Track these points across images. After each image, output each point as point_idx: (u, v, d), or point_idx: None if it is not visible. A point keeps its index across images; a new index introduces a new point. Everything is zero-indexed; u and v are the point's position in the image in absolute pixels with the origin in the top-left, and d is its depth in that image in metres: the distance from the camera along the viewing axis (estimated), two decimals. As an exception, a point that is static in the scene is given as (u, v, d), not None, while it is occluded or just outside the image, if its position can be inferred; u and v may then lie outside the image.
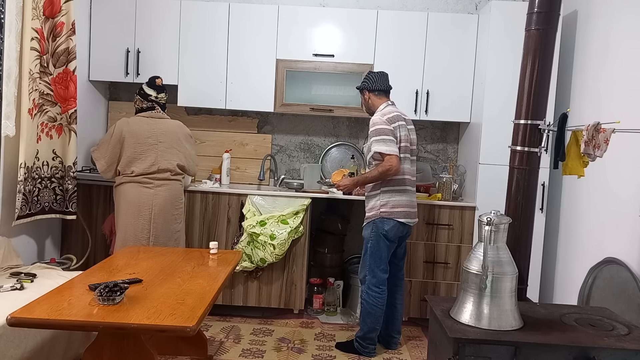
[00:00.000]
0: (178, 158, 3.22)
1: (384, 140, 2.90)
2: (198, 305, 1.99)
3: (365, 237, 3.05)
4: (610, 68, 2.95)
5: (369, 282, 3.02)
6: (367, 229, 3.03)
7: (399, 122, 2.99)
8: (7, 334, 2.11)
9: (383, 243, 2.98)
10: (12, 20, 2.80)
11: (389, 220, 2.96)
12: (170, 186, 3.19)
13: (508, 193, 2.51)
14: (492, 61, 3.50)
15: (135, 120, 3.18)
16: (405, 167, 3.00)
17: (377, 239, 2.98)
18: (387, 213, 2.95)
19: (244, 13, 3.77)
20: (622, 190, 2.72)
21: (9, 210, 2.97)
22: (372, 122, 2.99)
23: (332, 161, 4.17)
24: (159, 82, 3.26)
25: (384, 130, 2.92)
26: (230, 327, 3.45)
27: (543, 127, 2.38)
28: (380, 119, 2.96)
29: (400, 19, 3.75)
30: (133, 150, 3.10)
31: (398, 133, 2.96)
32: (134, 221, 3.09)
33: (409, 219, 3.02)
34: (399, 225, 2.97)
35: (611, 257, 2.69)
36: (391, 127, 2.94)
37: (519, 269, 2.15)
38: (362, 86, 3.15)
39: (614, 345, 1.88)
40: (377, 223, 2.97)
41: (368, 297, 3.02)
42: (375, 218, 2.98)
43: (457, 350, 1.87)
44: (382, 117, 2.96)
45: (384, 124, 2.93)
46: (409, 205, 3.02)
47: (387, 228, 2.95)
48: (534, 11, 2.40)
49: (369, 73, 3.20)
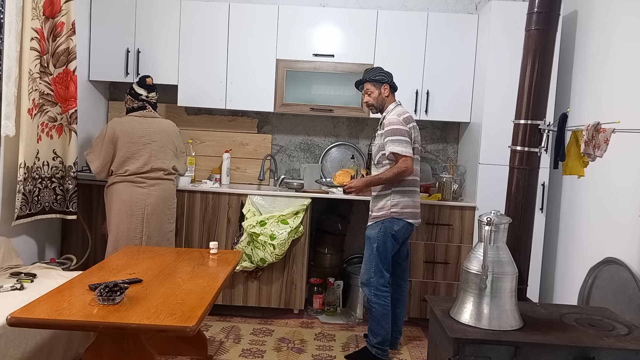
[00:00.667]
0: (171, 157, 3.22)
1: (400, 141, 2.85)
2: (198, 305, 1.99)
3: (370, 237, 2.98)
4: (610, 68, 2.95)
5: (376, 284, 2.95)
6: (374, 229, 2.97)
7: (412, 123, 2.97)
8: (7, 334, 2.11)
9: (390, 243, 2.94)
10: (12, 20, 2.80)
11: (399, 220, 2.92)
12: (163, 186, 3.19)
13: (508, 193, 2.51)
14: (492, 61, 3.50)
15: (127, 120, 3.17)
16: (416, 168, 2.99)
17: (385, 238, 2.92)
18: (398, 213, 2.91)
19: (244, 13, 3.77)
20: (622, 190, 2.72)
21: (9, 210, 2.97)
22: (389, 121, 2.91)
23: (332, 161, 4.17)
24: (149, 82, 3.25)
25: (400, 130, 2.87)
26: (230, 327, 3.45)
27: (543, 127, 2.38)
28: (397, 119, 2.90)
29: (400, 19, 3.75)
30: (127, 149, 3.10)
31: (413, 134, 2.93)
32: (126, 221, 3.09)
33: (416, 220, 3.01)
34: (408, 226, 2.95)
35: (611, 257, 2.69)
36: (407, 128, 2.90)
37: (519, 269, 2.16)
38: (380, 79, 3.01)
39: (614, 345, 1.88)
40: (386, 223, 2.92)
41: (379, 299, 2.95)
42: (384, 218, 2.93)
43: (457, 350, 1.87)
44: (399, 117, 2.91)
45: (400, 125, 2.88)
46: (417, 205, 3.01)
47: (396, 228, 2.91)
48: (534, 11, 2.40)
49: (376, 68, 3.08)
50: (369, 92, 3.04)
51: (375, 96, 3.02)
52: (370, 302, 2.98)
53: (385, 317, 2.96)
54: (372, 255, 2.96)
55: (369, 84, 3.04)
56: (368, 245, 3.00)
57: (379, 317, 2.96)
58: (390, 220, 2.92)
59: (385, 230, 2.92)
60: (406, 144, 2.85)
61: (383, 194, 2.96)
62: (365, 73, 3.07)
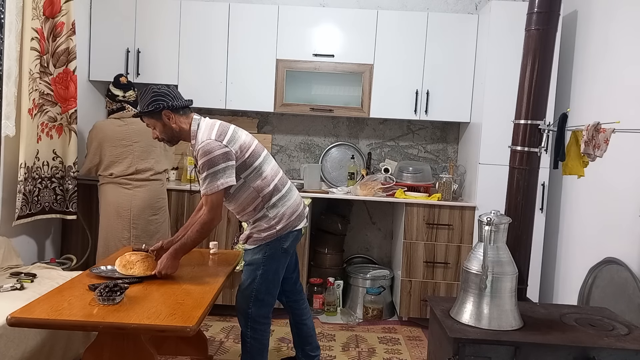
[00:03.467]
0: (158, 155, 3.22)
1: (212, 174, 2.23)
2: (198, 305, 1.99)
3: (253, 263, 2.40)
4: (610, 68, 2.95)
5: (255, 315, 2.41)
6: (257, 253, 2.40)
7: (229, 130, 2.35)
8: (7, 334, 2.11)
9: (283, 262, 2.47)
10: (12, 20, 2.80)
11: (286, 234, 2.41)
12: (149, 187, 3.19)
13: (508, 193, 2.51)
14: (492, 61, 3.50)
15: (107, 124, 3.18)
16: (269, 167, 2.43)
17: (274, 261, 2.42)
18: (284, 227, 2.40)
19: (244, 13, 3.76)
20: (622, 190, 2.72)
21: (9, 211, 2.97)
22: (198, 152, 2.25)
23: (332, 161, 4.17)
24: (123, 80, 3.23)
25: (211, 160, 2.23)
26: (230, 327, 3.45)
27: (543, 127, 2.38)
28: (206, 145, 2.24)
29: (400, 19, 3.75)
30: (110, 154, 3.12)
31: (237, 143, 2.32)
32: (114, 222, 3.12)
33: (302, 221, 2.51)
34: (297, 234, 2.48)
35: (611, 257, 2.69)
36: (222, 149, 2.24)
37: (519, 269, 2.16)
38: (154, 108, 2.28)
39: (614, 345, 1.89)
40: (273, 244, 2.39)
41: (255, 333, 2.43)
42: (270, 239, 2.39)
43: (457, 350, 1.87)
44: (208, 140, 2.25)
45: (213, 150, 2.23)
46: (298, 205, 2.51)
47: (286, 245, 2.42)
48: (534, 11, 2.40)
49: (147, 92, 2.30)
50: (152, 127, 2.38)
51: (162, 129, 2.35)
52: (245, 335, 2.45)
53: (260, 352, 2.46)
54: (253, 283, 2.40)
55: (146, 119, 2.35)
56: (249, 272, 2.42)
57: (254, 353, 2.45)
58: (277, 240, 2.40)
59: (274, 251, 2.40)
60: (220, 173, 2.22)
61: (258, 216, 2.40)
62: (139, 103, 2.37)
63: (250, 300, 2.42)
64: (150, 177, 3.19)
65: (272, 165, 2.47)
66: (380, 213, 4.21)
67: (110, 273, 2.32)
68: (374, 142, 4.20)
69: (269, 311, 2.48)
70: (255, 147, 2.41)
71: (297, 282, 2.77)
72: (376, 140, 4.20)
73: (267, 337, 2.50)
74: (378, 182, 3.69)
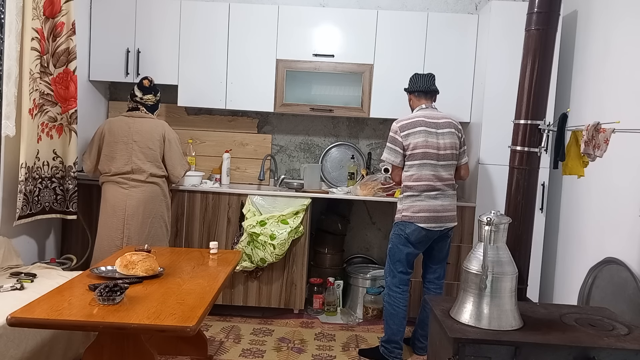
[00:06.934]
0: (153, 158, 3.21)
1: (387, 148, 3.02)
2: (198, 305, 2.00)
3: (390, 237, 3.09)
4: (610, 68, 2.95)
5: (389, 283, 3.03)
6: (393, 229, 3.06)
7: (415, 128, 2.96)
8: (7, 334, 2.11)
9: (403, 245, 2.98)
10: (12, 20, 2.80)
11: (410, 224, 2.95)
12: (145, 189, 3.19)
13: (508, 193, 2.51)
14: (492, 61, 3.50)
15: (117, 119, 3.27)
16: (425, 173, 2.94)
17: (397, 240, 3.00)
18: (408, 217, 2.95)
19: (244, 13, 3.77)
20: (622, 190, 2.72)
21: (9, 211, 2.97)
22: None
23: (332, 161, 4.17)
24: (145, 83, 3.30)
25: (390, 137, 3.02)
26: (230, 327, 3.45)
27: (543, 127, 2.38)
28: (394, 126, 3.02)
29: (400, 19, 3.75)
30: (109, 148, 3.18)
31: (409, 141, 2.95)
32: (109, 221, 3.15)
33: (430, 224, 2.94)
34: (420, 230, 2.94)
35: (611, 257, 2.69)
36: (396, 136, 2.98)
37: (519, 269, 2.15)
38: (405, 88, 3.21)
39: (614, 345, 1.88)
40: (399, 225, 2.99)
41: (389, 299, 3.02)
42: (397, 220, 3.01)
43: (457, 350, 1.87)
44: (396, 124, 3.01)
45: (392, 132, 3.01)
46: (431, 209, 2.94)
47: (408, 231, 2.95)
48: (534, 11, 2.40)
49: (414, 74, 3.21)
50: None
51: (409, 104, 3.22)
52: (384, 299, 3.08)
53: (392, 317, 3.00)
54: (388, 255, 3.07)
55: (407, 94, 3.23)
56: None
57: (387, 315, 3.03)
58: (402, 223, 2.97)
59: (399, 232, 2.99)
60: (390, 151, 3.00)
61: (400, 197, 3.05)
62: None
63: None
64: (147, 179, 3.19)
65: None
66: (380, 213, 4.21)
67: (110, 273, 2.32)
68: (374, 142, 4.20)
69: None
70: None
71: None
72: (376, 140, 4.20)
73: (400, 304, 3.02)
74: (378, 182, 3.69)
